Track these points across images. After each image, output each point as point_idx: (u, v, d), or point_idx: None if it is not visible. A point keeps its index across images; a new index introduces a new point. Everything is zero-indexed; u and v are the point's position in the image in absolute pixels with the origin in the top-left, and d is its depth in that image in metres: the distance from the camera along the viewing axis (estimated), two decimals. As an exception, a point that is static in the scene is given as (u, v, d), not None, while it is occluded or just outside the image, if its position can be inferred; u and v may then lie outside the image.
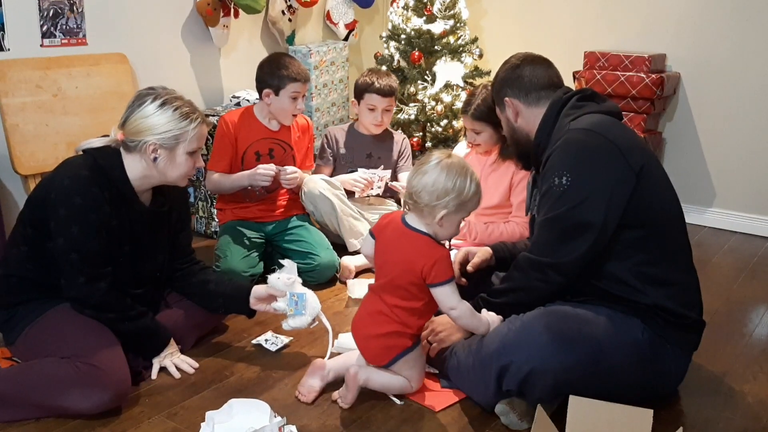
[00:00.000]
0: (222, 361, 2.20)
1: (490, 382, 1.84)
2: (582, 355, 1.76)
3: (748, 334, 2.46)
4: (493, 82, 2.12)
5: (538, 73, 2.01)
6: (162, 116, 1.94)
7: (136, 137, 1.95)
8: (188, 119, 1.96)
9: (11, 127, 2.73)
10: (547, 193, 1.85)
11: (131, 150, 1.97)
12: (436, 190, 1.80)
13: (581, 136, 1.83)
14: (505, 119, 2.11)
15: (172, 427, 1.87)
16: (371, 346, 1.93)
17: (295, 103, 2.78)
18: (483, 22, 4.10)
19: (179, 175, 2.02)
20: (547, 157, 1.89)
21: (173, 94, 2.00)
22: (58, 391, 1.83)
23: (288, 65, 2.74)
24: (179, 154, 1.98)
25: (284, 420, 1.83)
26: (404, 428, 1.88)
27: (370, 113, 3.06)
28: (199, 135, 2.00)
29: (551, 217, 1.84)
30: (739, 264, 3.11)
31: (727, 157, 3.50)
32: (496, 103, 2.12)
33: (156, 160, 1.97)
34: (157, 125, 1.94)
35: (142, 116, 1.95)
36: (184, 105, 1.98)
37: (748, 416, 1.97)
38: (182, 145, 1.97)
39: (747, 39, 3.35)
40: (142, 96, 1.98)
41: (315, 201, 2.86)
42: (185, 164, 2.01)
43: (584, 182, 1.80)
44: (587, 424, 1.64)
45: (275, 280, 2.09)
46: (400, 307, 1.88)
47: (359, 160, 3.12)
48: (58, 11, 2.91)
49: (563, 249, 1.83)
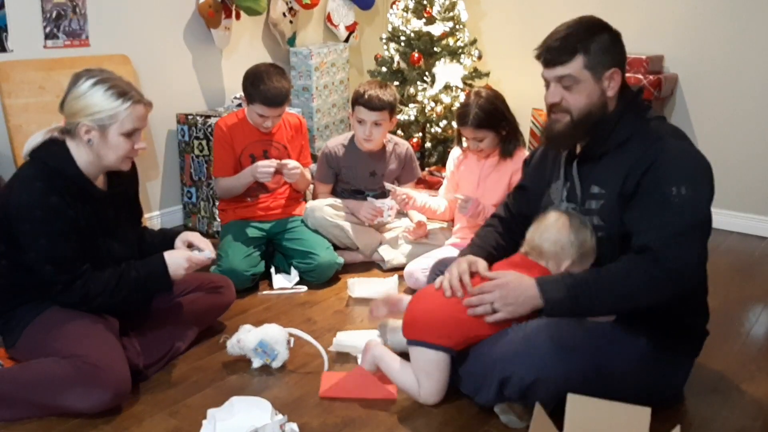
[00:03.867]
0: (223, 359, 2.21)
1: (491, 389, 1.84)
2: (584, 365, 1.76)
3: (745, 334, 2.47)
4: (600, 48, 1.85)
5: None
6: (93, 96, 1.88)
7: (72, 119, 1.91)
8: (121, 99, 1.88)
9: (14, 128, 2.75)
10: (664, 203, 1.76)
11: (72, 136, 1.93)
12: (559, 242, 1.88)
13: (688, 148, 1.83)
14: (597, 90, 1.85)
15: (174, 425, 1.88)
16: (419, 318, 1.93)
17: (262, 121, 2.77)
18: (482, 24, 4.11)
19: (116, 158, 1.95)
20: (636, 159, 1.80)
21: (109, 75, 1.92)
22: (58, 390, 1.83)
23: (266, 83, 2.68)
24: (113, 136, 1.90)
25: (285, 418, 1.84)
26: (404, 426, 1.90)
27: (360, 126, 2.90)
28: (134, 116, 1.91)
29: (687, 226, 1.75)
30: (736, 264, 3.12)
31: (724, 158, 3.51)
32: (592, 68, 1.84)
33: (90, 143, 1.91)
34: (89, 106, 1.88)
35: (74, 96, 1.90)
36: (119, 84, 1.90)
37: (745, 415, 1.99)
38: (115, 125, 1.89)
39: (745, 40, 3.36)
40: (78, 76, 1.92)
41: (325, 229, 2.87)
42: (122, 146, 1.93)
43: (701, 195, 1.79)
44: (586, 422, 1.65)
45: None
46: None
47: (362, 179, 3.03)
48: (61, 13, 2.93)
49: (690, 253, 1.77)
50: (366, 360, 2.02)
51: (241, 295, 2.64)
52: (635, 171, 1.80)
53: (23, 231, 1.87)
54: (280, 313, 2.57)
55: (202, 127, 3.27)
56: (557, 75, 1.86)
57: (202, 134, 3.27)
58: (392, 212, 2.93)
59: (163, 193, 3.48)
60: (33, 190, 1.87)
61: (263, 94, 2.69)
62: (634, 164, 1.80)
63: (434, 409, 1.96)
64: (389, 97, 2.87)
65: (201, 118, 3.31)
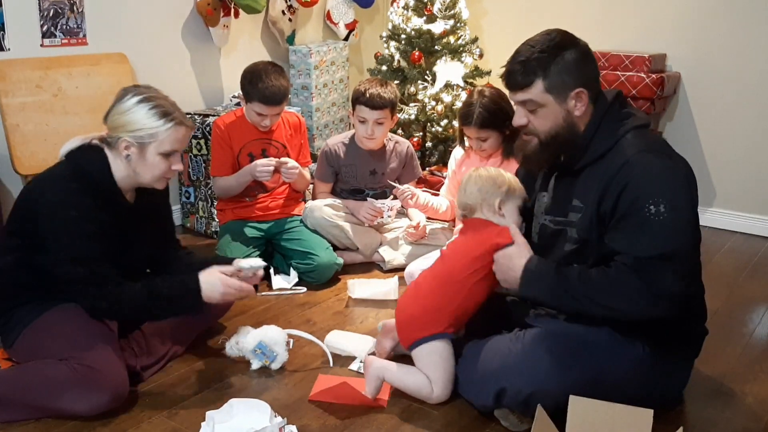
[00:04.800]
0: (222, 361, 2.20)
1: (489, 399, 1.84)
2: (582, 378, 1.75)
3: (748, 335, 2.46)
4: (561, 69, 1.78)
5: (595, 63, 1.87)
6: (137, 113, 1.89)
7: (114, 133, 1.92)
8: (164, 119, 1.90)
9: (11, 127, 2.73)
10: (644, 224, 1.70)
11: (111, 147, 1.94)
12: (481, 189, 2.02)
13: (663, 162, 1.74)
14: (562, 111, 1.81)
15: (173, 427, 1.87)
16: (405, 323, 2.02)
17: (260, 119, 2.76)
18: (483, 22, 4.10)
19: (152, 177, 1.96)
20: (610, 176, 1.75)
21: (155, 93, 1.94)
22: (56, 392, 1.82)
23: (264, 82, 2.67)
24: (150, 154, 1.92)
25: (284, 420, 1.83)
26: (404, 428, 1.88)
27: (361, 125, 2.88)
28: (174, 137, 1.92)
29: (666, 252, 1.69)
30: (739, 264, 3.11)
31: (727, 157, 3.50)
32: (554, 91, 1.79)
33: (128, 158, 1.92)
34: (132, 122, 1.89)
35: (119, 111, 1.91)
36: (163, 104, 1.92)
37: (748, 416, 1.97)
38: (154, 144, 1.91)
39: (747, 39, 3.34)
40: (125, 92, 1.94)
41: (324, 229, 2.86)
42: (158, 166, 1.94)
43: (681, 209, 1.72)
44: (587, 423, 1.64)
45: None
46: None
47: (362, 177, 3.02)
48: (59, 11, 2.91)
49: (675, 278, 1.70)
50: (370, 376, 1.96)
51: (240, 296, 2.62)
52: (611, 191, 1.74)
53: (53, 229, 1.85)
54: (280, 314, 2.56)
55: (200, 126, 3.26)
56: (519, 99, 1.83)
57: (201, 133, 3.25)
58: (392, 213, 2.91)
59: (162, 192, 3.47)
60: (69, 191, 1.87)
61: (261, 93, 2.67)
62: (610, 183, 1.75)
63: (435, 411, 1.95)
64: (390, 95, 2.86)
65: (199, 117, 3.29)
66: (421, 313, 1.97)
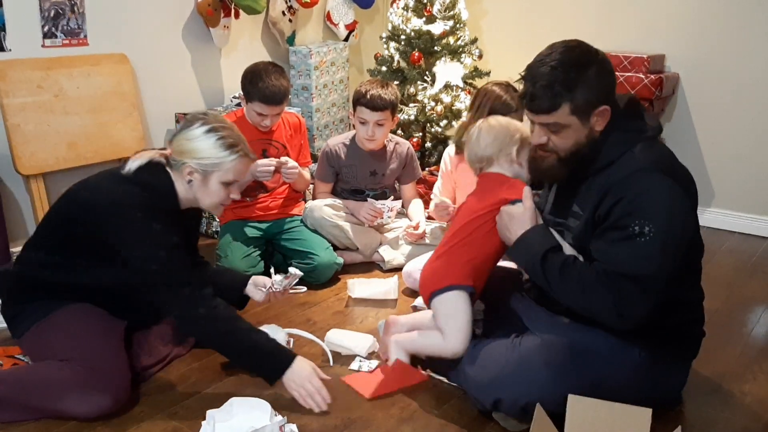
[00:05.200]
0: (223, 359, 2.19)
1: (487, 404, 1.85)
2: (579, 385, 1.74)
3: (747, 334, 2.46)
4: (587, 90, 1.73)
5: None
6: (205, 142, 1.94)
7: (178, 157, 1.97)
8: (229, 150, 1.95)
9: (12, 127, 2.74)
10: (626, 240, 1.70)
11: (173, 168, 2.00)
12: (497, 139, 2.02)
13: (663, 184, 1.70)
14: (585, 129, 1.77)
15: (173, 426, 1.87)
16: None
17: (261, 119, 2.76)
18: (483, 23, 4.10)
19: (211, 203, 2.03)
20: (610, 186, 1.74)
21: (224, 123, 2.00)
22: (57, 394, 1.83)
23: (264, 81, 2.67)
24: (213, 182, 1.98)
25: (285, 419, 1.84)
26: (404, 428, 1.89)
27: (362, 126, 2.87)
28: (237, 168, 1.99)
29: (639, 275, 1.68)
30: (738, 264, 3.11)
31: (726, 158, 3.51)
32: (579, 112, 1.75)
33: (190, 183, 1.98)
34: (198, 150, 1.95)
35: (186, 138, 1.96)
36: (230, 136, 1.97)
37: (747, 416, 1.98)
38: (217, 174, 1.97)
39: (746, 39, 3.35)
40: (194, 119, 1.99)
41: (324, 229, 2.86)
42: (218, 193, 2.01)
43: (667, 236, 1.68)
44: (586, 423, 1.64)
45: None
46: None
47: (362, 178, 3.02)
48: (59, 12, 2.92)
49: (642, 300, 1.70)
50: (397, 353, 2.07)
51: (240, 296, 2.63)
52: (608, 200, 1.73)
53: (140, 244, 1.86)
54: (280, 313, 2.57)
55: (201, 127, 3.26)
56: (542, 122, 1.80)
57: (202, 133, 3.26)
58: (392, 213, 2.92)
59: (162, 192, 3.47)
60: (148, 207, 1.89)
61: (262, 92, 2.68)
62: (608, 192, 1.74)
63: (434, 411, 1.95)
64: (391, 97, 2.86)
65: (200, 117, 3.29)
66: (437, 269, 2.03)
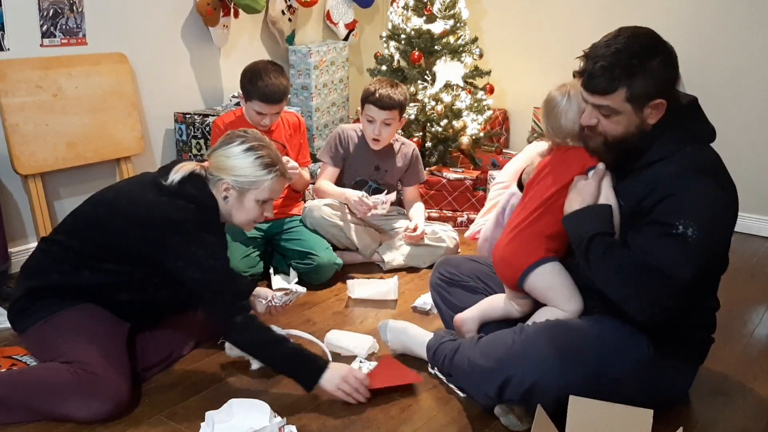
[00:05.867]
0: (222, 360, 2.19)
1: (492, 390, 1.84)
2: (584, 371, 1.75)
3: (748, 335, 2.46)
4: (647, 79, 1.71)
5: None
6: (244, 161, 1.98)
7: (216, 173, 2.00)
8: (267, 169, 1.99)
9: (11, 127, 2.73)
10: (666, 237, 1.69)
11: (210, 182, 2.02)
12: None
13: (713, 189, 1.71)
14: (636, 120, 1.75)
15: (172, 427, 1.87)
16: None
17: (260, 118, 2.75)
18: (483, 22, 4.09)
19: (245, 220, 2.06)
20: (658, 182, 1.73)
21: (262, 142, 2.02)
22: (57, 398, 1.83)
23: (264, 80, 2.66)
24: (248, 200, 2.02)
25: (284, 420, 1.83)
26: (404, 428, 1.88)
27: (369, 125, 2.89)
28: (272, 186, 2.02)
29: (673, 273, 1.67)
30: (739, 264, 3.10)
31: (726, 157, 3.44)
32: (634, 101, 1.72)
33: (226, 199, 2.01)
34: (236, 167, 1.98)
35: (225, 155, 1.99)
36: (268, 155, 2.01)
37: (748, 416, 1.97)
38: (254, 192, 2.01)
39: (747, 39, 3.35)
40: (233, 136, 2.02)
41: (324, 229, 2.86)
42: (253, 211, 2.04)
43: (707, 242, 1.68)
44: (587, 423, 1.64)
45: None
46: None
47: (366, 172, 3.02)
48: (58, 11, 2.91)
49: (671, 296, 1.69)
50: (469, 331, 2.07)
51: (239, 296, 2.62)
52: (655, 195, 1.71)
53: (191, 254, 1.91)
54: (279, 314, 2.56)
55: (200, 126, 3.26)
56: (596, 103, 1.76)
57: (200, 133, 3.25)
58: (386, 206, 2.88)
59: (162, 192, 3.47)
60: (199, 221, 1.93)
61: (261, 91, 2.67)
62: (656, 187, 1.72)
63: (435, 411, 1.95)
64: (400, 97, 2.87)
65: (199, 117, 3.29)
66: (516, 250, 1.93)
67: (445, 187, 3.48)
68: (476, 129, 3.66)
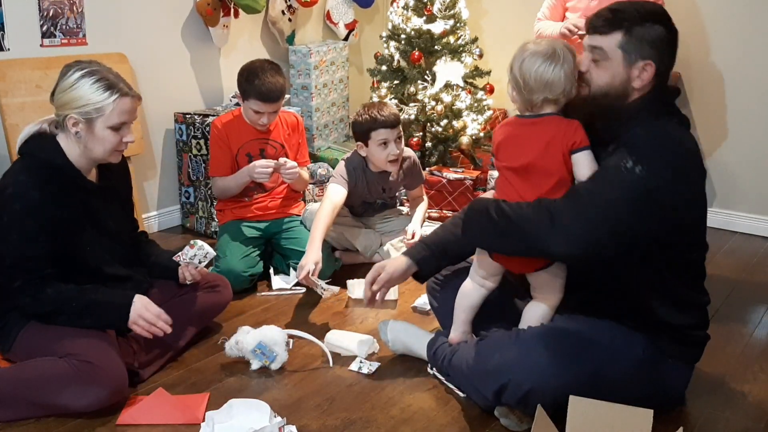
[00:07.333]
0: (222, 360, 2.20)
1: (489, 394, 1.84)
2: (581, 375, 1.75)
3: (748, 335, 2.46)
4: (644, 36, 1.77)
5: None
6: (81, 88, 1.87)
7: (61, 111, 1.91)
8: (108, 92, 1.87)
9: (11, 127, 2.73)
10: (611, 169, 1.71)
11: (61, 128, 1.93)
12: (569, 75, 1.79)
13: (671, 134, 1.74)
14: (622, 74, 1.77)
15: (172, 427, 1.86)
16: None
17: (258, 117, 2.75)
18: (483, 22, 4.09)
19: (104, 151, 1.94)
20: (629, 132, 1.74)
21: (98, 67, 1.91)
22: (56, 389, 1.83)
23: (260, 78, 2.66)
24: (99, 129, 1.90)
25: (284, 420, 1.83)
26: (404, 428, 1.88)
27: (383, 149, 2.75)
28: (120, 109, 1.89)
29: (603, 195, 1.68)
30: (739, 264, 3.10)
31: (727, 158, 3.50)
32: (626, 50, 1.76)
33: (78, 135, 1.91)
34: (76, 98, 1.87)
35: (63, 88, 1.89)
36: (107, 77, 1.89)
37: (748, 416, 1.97)
38: (101, 119, 1.89)
39: (748, 38, 3.34)
40: (67, 68, 1.91)
41: None
42: (109, 139, 1.92)
43: (653, 179, 1.68)
44: (587, 424, 1.64)
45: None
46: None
47: (376, 194, 2.97)
48: (58, 11, 2.91)
49: (586, 224, 1.67)
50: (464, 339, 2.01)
51: (239, 296, 2.62)
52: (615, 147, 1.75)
53: (2, 223, 1.87)
54: (279, 314, 2.56)
55: (200, 127, 3.25)
56: (591, 44, 1.81)
57: (200, 133, 3.25)
58: (327, 293, 2.54)
59: (161, 193, 3.46)
60: (17, 184, 1.87)
61: (258, 89, 2.67)
62: (620, 144, 1.74)
63: (435, 411, 1.95)
64: (396, 111, 2.84)
65: (199, 117, 3.29)
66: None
67: (445, 187, 3.48)
68: (476, 129, 3.66)
